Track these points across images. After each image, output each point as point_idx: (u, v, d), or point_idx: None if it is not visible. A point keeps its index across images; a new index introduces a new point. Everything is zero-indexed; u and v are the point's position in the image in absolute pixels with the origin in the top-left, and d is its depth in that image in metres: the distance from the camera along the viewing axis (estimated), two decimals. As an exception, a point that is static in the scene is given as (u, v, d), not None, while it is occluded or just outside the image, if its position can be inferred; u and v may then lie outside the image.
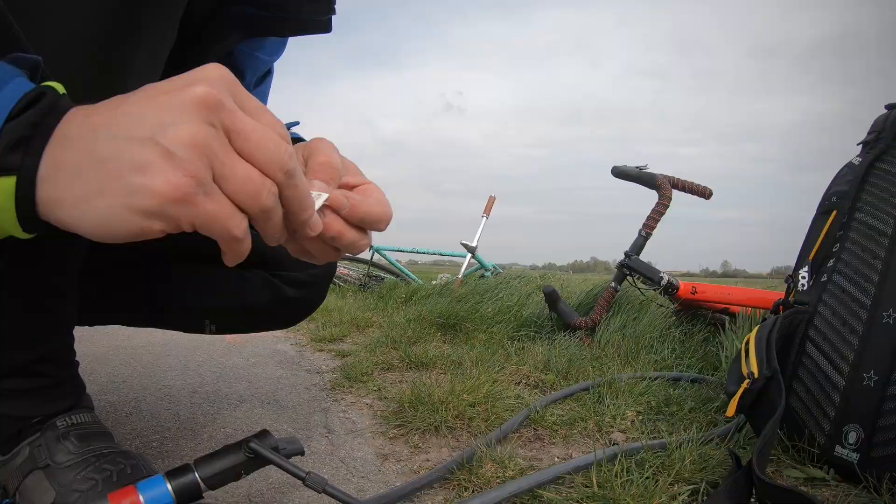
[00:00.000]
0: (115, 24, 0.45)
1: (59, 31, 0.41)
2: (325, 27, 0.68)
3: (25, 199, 0.30)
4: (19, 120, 0.30)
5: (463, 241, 4.03)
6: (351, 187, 0.42)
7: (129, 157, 0.29)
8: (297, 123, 0.65)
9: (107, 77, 0.45)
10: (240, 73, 0.73)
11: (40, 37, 0.36)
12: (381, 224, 0.41)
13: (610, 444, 0.93)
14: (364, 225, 0.40)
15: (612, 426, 0.99)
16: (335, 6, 0.66)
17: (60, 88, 0.32)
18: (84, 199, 0.30)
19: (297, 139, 0.63)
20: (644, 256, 1.92)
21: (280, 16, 0.63)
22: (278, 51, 0.77)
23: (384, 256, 4.45)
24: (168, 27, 0.51)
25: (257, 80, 0.78)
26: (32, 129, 0.30)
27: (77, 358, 0.65)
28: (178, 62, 0.57)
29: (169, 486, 0.48)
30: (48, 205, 0.31)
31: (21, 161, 0.30)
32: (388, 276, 4.43)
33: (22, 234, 0.32)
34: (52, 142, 0.30)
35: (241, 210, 0.32)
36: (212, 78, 0.31)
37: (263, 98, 0.82)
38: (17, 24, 0.36)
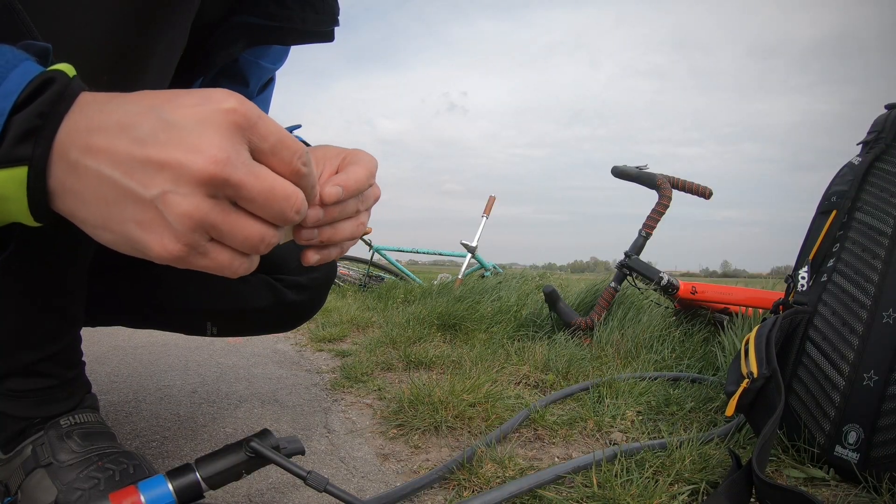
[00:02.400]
0: (129, 31, 0.45)
1: (74, 39, 0.41)
2: (328, 37, 0.69)
3: (37, 190, 0.31)
4: (28, 110, 0.30)
5: (463, 241, 4.04)
6: (333, 172, 0.45)
7: (131, 211, 0.30)
8: (298, 127, 0.66)
9: (120, 83, 0.46)
10: (243, 80, 0.75)
11: (55, 43, 0.36)
12: (369, 181, 0.43)
13: (610, 444, 0.93)
14: (359, 191, 0.42)
15: (612, 426, 0.99)
16: (338, 17, 0.67)
17: (70, 71, 0.32)
18: (92, 226, 0.32)
19: None
20: (644, 256, 1.93)
21: (285, 26, 0.64)
22: (281, 59, 0.78)
23: (384, 256, 4.46)
24: (179, 34, 0.51)
25: (260, 88, 0.79)
26: (42, 118, 0.30)
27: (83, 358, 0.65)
28: (186, 66, 0.58)
29: (170, 486, 0.48)
30: (59, 197, 0.32)
31: (32, 151, 0.30)
32: (388, 276, 4.44)
33: (32, 223, 0.33)
34: (54, 159, 0.31)
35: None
36: (223, 131, 0.30)
37: (266, 105, 0.84)
38: (34, 28, 0.36)
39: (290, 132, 0.68)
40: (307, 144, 0.63)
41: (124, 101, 0.31)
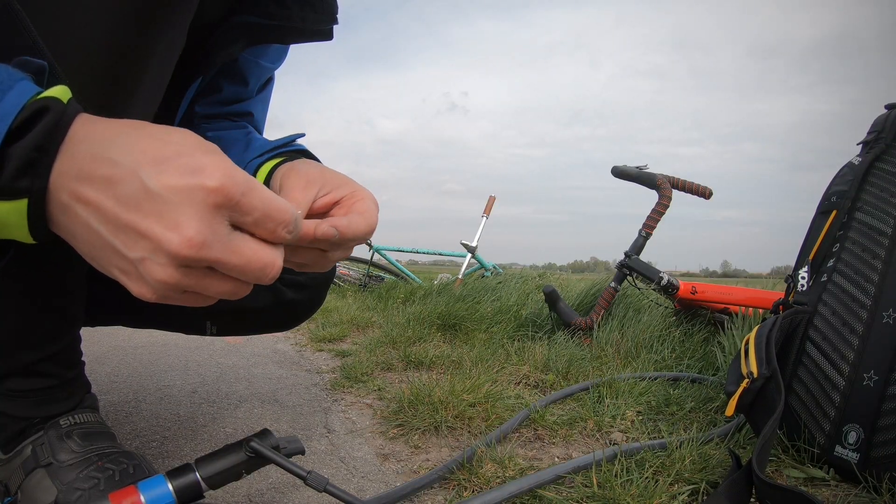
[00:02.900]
0: (129, 31, 0.46)
1: (74, 39, 0.42)
2: (327, 35, 0.69)
3: (37, 217, 0.33)
4: (26, 142, 0.31)
5: (463, 241, 4.04)
6: (336, 201, 0.46)
7: (115, 260, 0.33)
8: (302, 135, 0.66)
9: (120, 86, 0.46)
10: (243, 80, 0.75)
11: (55, 43, 0.36)
12: (366, 237, 0.45)
13: (610, 444, 0.93)
14: (352, 242, 0.44)
15: (612, 426, 0.99)
16: (337, 16, 0.67)
17: (64, 95, 0.33)
18: (82, 252, 0.34)
19: (300, 151, 0.64)
20: (644, 256, 1.93)
21: (284, 25, 0.64)
22: (280, 58, 0.79)
23: (384, 256, 4.46)
24: (179, 34, 0.52)
25: (259, 87, 0.79)
26: (39, 151, 0.31)
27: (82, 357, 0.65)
28: (186, 66, 0.58)
29: (170, 486, 0.48)
30: (54, 225, 0.34)
31: (31, 184, 0.31)
32: (388, 276, 4.44)
33: (32, 241, 0.34)
34: (50, 194, 0.32)
35: None
36: (203, 212, 0.31)
37: (265, 105, 0.84)
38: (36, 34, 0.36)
39: (293, 140, 0.68)
40: (314, 158, 0.62)
41: (113, 147, 0.32)
